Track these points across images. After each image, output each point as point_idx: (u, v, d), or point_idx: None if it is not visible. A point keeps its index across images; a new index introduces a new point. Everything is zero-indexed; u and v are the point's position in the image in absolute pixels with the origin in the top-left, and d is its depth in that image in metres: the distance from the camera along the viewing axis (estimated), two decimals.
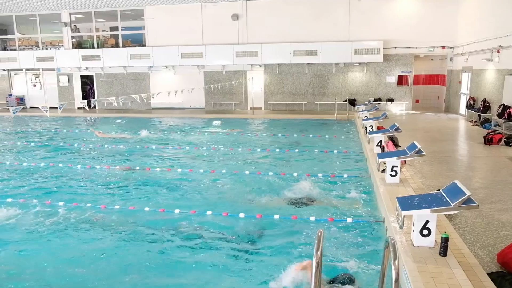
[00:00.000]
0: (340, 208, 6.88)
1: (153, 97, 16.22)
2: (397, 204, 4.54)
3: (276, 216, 6.48)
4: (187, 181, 8.79)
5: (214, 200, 7.53)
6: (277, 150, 11.95)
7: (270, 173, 9.18)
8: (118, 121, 19.18)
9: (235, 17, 20.61)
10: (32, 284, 4.61)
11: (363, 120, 12.94)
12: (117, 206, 7.13)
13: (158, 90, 18.49)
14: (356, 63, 20.16)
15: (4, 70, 24.95)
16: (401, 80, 20.23)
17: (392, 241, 3.07)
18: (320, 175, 8.94)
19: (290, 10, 20.24)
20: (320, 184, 8.30)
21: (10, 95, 24.84)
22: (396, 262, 2.87)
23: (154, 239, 5.84)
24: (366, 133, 11.59)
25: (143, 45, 22.36)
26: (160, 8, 21.49)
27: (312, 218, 6.37)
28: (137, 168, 9.92)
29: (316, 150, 11.64)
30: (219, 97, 22.25)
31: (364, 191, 7.77)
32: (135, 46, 22.67)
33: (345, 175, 8.86)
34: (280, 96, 21.60)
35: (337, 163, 10.28)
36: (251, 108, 21.41)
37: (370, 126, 11.79)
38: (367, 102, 18.94)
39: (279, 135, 14.60)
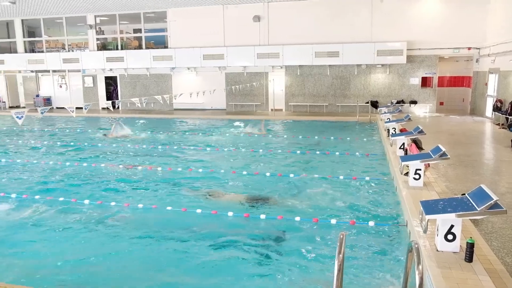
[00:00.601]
0: (361, 211, 6.81)
1: (175, 98, 16.41)
2: (421, 208, 4.47)
3: (297, 218, 6.46)
4: (208, 182, 8.85)
5: (235, 201, 7.56)
6: (298, 152, 11.91)
7: (291, 175, 9.16)
8: (142, 121, 19.47)
9: (257, 18, 20.66)
10: (56, 278, 4.72)
11: (386, 122, 12.78)
12: (140, 205, 7.23)
13: (180, 91, 18.71)
14: (378, 64, 19.92)
15: (32, 71, 25.67)
16: (425, 81, 19.87)
17: (416, 245, 3.03)
18: (341, 177, 8.87)
19: (312, 11, 20.16)
20: (341, 187, 8.25)
21: (37, 95, 25.54)
22: (420, 266, 2.83)
23: (175, 238, 5.90)
24: (388, 136, 11.44)
25: (166, 47, 22.63)
26: (183, 10, 21.72)
27: (333, 221, 6.32)
28: (159, 168, 10.05)
29: (337, 153, 11.55)
30: (240, 99, 22.33)
31: (387, 194, 7.68)
32: (157, 48, 22.97)
33: (367, 178, 8.76)
34: (301, 98, 21.52)
35: (359, 165, 10.17)
36: (272, 110, 21.41)
37: (392, 128, 11.63)
38: (389, 104, 18.68)
39: (300, 136, 14.55)
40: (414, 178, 6.87)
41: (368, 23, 19.61)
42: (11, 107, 26.13)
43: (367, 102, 19.73)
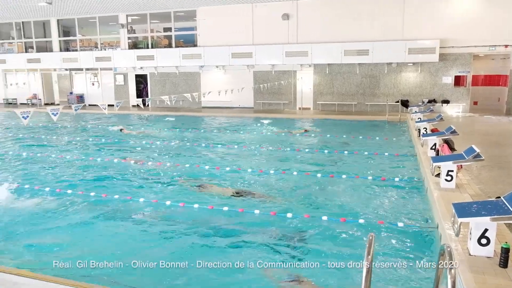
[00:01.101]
0: (390, 212, 6.69)
1: (204, 96, 16.58)
2: (453, 211, 4.35)
3: (324, 218, 6.40)
4: (235, 180, 8.90)
5: (261, 199, 7.56)
6: (326, 151, 11.81)
7: (318, 175, 9.09)
8: (171, 119, 19.77)
9: (286, 16, 20.57)
10: (89, 272, 4.85)
11: (417, 122, 12.49)
12: (168, 202, 7.33)
13: (208, 89, 18.87)
14: (409, 63, 19.49)
15: (66, 69, 26.49)
16: (458, 80, 19.30)
17: (448, 249, 2.94)
18: (370, 177, 8.74)
19: (341, 9, 19.90)
20: (369, 187, 8.13)
21: (71, 93, 26.33)
22: (453, 271, 2.75)
23: (201, 234, 5.96)
24: (419, 136, 11.18)
25: (195, 45, 22.87)
26: (212, 9, 21.87)
27: (361, 221, 6.24)
28: (187, 165, 10.17)
29: (366, 152, 11.38)
30: (268, 97, 22.33)
31: (417, 196, 7.51)
32: (187, 46, 23.24)
33: (396, 179, 8.59)
34: (330, 97, 21.31)
35: (388, 165, 9.99)
36: (299, 108, 21.30)
37: (424, 128, 11.36)
38: (420, 104, 18.24)
39: (328, 136, 14.41)
40: (446, 180, 6.69)
41: (400, 21, 19.19)
42: (46, 104, 27.04)
43: (397, 101, 19.33)
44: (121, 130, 16.15)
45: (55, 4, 20.81)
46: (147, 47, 23.95)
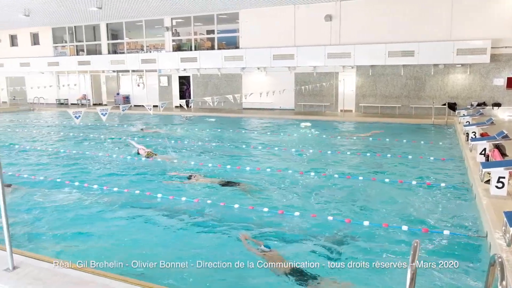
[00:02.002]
0: (435, 219, 6.47)
1: (245, 98, 16.75)
2: (505, 219, 4.15)
3: (366, 223, 6.29)
4: (275, 181, 8.91)
5: (302, 201, 7.53)
6: (368, 154, 11.58)
7: (360, 178, 8.93)
8: (212, 120, 20.08)
9: (328, 18, 20.37)
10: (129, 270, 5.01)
11: (465, 125, 12.00)
12: (209, 201, 7.45)
13: (250, 91, 19.01)
14: (458, 64, 18.74)
15: (114, 71, 27.58)
16: (511, 82, 18.35)
17: (500, 259, 2.81)
18: (414, 182, 8.49)
19: (385, 9, 19.45)
20: (413, 192, 7.90)
21: (117, 94, 27.36)
22: (504, 282, 2.63)
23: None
24: (467, 140, 10.74)
25: (237, 47, 23.11)
26: (254, 11, 22.02)
27: (404, 228, 6.07)
28: (228, 166, 10.29)
29: (409, 156, 11.06)
30: (309, 99, 22.20)
31: (464, 203, 7.22)
32: (229, 48, 23.53)
33: (442, 184, 8.29)
34: (372, 99, 20.89)
35: (433, 170, 9.65)
36: (341, 111, 21.02)
37: (472, 132, 10.89)
38: (469, 107, 17.49)
39: (370, 139, 14.13)
40: (497, 187, 6.38)
41: (448, 20, 18.50)
42: (94, 104, 28.24)
43: (444, 104, 18.65)
44: (141, 129, 16.82)
45: (104, 9, 21.69)
46: (191, 49, 24.45)
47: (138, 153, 11.33)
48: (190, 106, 23.71)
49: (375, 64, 20.23)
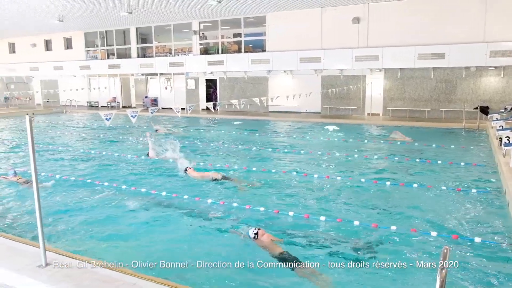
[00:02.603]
0: (466, 226, 6.29)
1: (272, 101, 16.78)
2: None
3: (393, 228, 6.18)
4: (301, 185, 8.88)
5: (327, 206, 7.47)
6: (396, 158, 11.38)
7: (388, 183, 8.79)
8: (237, 122, 20.20)
9: (356, 20, 20.16)
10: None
11: (498, 130, 11.63)
12: (234, 204, 7.49)
13: (276, 94, 19.01)
14: (491, 66, 18.19)
15: (142, 74, 28.15)
16: None
17: None
18: (443, 187, 8.29)
19: (415, 11, 19.06)
20: (443, 198, 7.72)
21: (146, 96, 27.89)
22: None
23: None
24: (500, 145, 10.40)
25: (263, 51, 23.17)
26: (281, 14, 22.04)
27: (433, 234, 5.94)
28: (254, 168, 10.32)
29: (439, 161, 10.80)
30: (335, 102, 22.02)
31: (496, 210, 7.00)
32: (255, 52, 23.63)
33: (474, 190, 8.06)
34: (401, 102, 20.53)
35: (464, 176, 9.41)
36: (368, 114, 20.75)
37: (506, 137, 10.53)
38: (503, 110, 16.91)
39: (398, 143, 13.89)
40: None
41: (481, 22, 17.97)
42: (124, 107, 28.88)
43: (476, 108, 18.13)
44: (156, 130, 17.16)
45: (134, 14, 22.19)
46: (218, 53, 24.68)
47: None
48: (217, 109, 23.96)
49: (404, 67, 19.88)
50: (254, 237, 5.62)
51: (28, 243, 5.38)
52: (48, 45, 31.57)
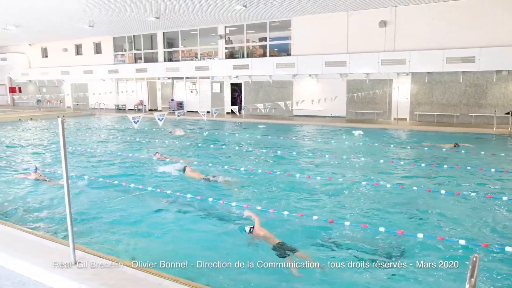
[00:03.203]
0: (496, 234, 6.11)
1: (297, 105, 16.75)
2: None
3: (420, 235, 6.05)
4: (325, 189, 8.81)
5: (352, 211, 7.39)
6: (423, 164, 11.15)
7: (414, 188, 8.63)
8: (262, 126, 20.23)
9: (383, 23, 19.92)
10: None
11: None
12: (258, 207, 7.50)
13: (301, 98, 18.96)
14: None
15: (169, 78, 28.59)
16: None
17: None
18: (473, 194, 8.07)
19: (444, 14, 18.69)
20: (472, 205, 7.51)
21: (172, 100, 28.31)
22: None
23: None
24: None
25: (288, 54, 23.17)
26: (307, 18, 22.00)
27: (461, 242, 5.78)
28: (278, 172, 10.31)
29: (468, 167, 10.52)
30: (361, 106, 21.79)
31: None
32: (280, 56, 23.65)
33: (505, 197, 7.82)
34: (428, 107, 20.13)
35: (495, 183, 9.13)
36: (395, 119, 20.43)
37: None
38: None
39: (425, 148, 13.60)
40: None
41: None
42: (150, 110, 29.39)
43: (508, 113, 17.56)
44: (170, 132, 17.65)
45: (162, 19, 22.59)
46: (243, 57, 24.84)
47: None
48: (242, 113, 24.06)
49: (431, 71, 19.49)
50: (250, 231, 6.06)
51: (57, 241, 5.55)
52: (78, 49, 32.50)
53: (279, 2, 18.57)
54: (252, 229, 6.08)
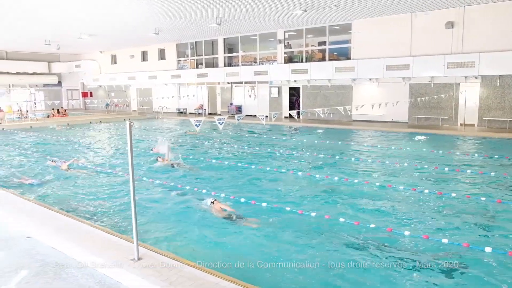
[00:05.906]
0: None
1: (357, 109, 16.42)
2: None
3: (488, 249, 5.68)
4: (385, 197, 8.56)
5: (413, 220, 7.11)
6: (492, 173, 10.46)
7: (482, 198, 8.13)
8: (319, 131, 20.04)
9: (449, 25, 18.98)
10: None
11: None
12: (313, 214, 7.43)
13: (360, 102, 18.57)
14: None
15: (228, 83, 29.21)
16: None
17: None
18: None
19: None
20: None
21: (231, 104, 28.87)
22: None
23: (346, 249, 5.89)
24: None
25: (348, 58, 22.77)
26: (368, 20, 21.51)
27: None
28: (336, 178, 10.17)
29: None
30: (424, 111, 20.89)
31: None
32: (340, 59, 23.30)
33: None
34: (500, 112, 18.86)
35: None
36: (461, 125, 19.36)
37: None
38: None
39: (496, 156, 12.75)
40: None
41: None
42: (210, 114, 30.19)
43: None
44: (185, 132, 18.63)
45: (223, 25, 23.15)
46: (302, 61, 24.77)
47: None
48: (300, 117, 24.01)
49: (504, 74, 18.25)
50: (211, 204, 7.32)
51: (122, 237, 5.88)
52: (144, 56, 34.17)
53: (340, 6, 18.32)
54: (212, 203, 7.24)
